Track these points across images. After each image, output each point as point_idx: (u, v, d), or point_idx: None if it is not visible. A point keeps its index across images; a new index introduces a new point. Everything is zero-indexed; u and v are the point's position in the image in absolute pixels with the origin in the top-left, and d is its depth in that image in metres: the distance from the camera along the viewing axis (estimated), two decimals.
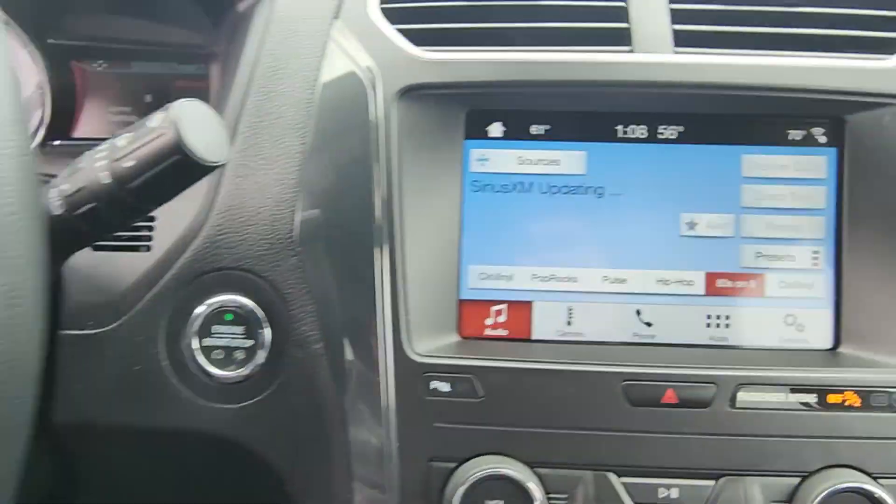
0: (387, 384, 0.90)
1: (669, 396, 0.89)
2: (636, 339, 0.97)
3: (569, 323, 0.97)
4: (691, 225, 0.96)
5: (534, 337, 0.97)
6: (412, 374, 0.90)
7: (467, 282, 0.98)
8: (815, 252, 0.96)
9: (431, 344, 0.93)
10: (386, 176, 0.92)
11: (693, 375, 0.89)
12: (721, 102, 0.95)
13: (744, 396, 0.88)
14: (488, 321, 0.98)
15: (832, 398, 0.88)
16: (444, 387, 0.90)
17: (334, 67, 0.96)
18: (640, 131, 0.97)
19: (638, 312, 0.97)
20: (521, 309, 0.98)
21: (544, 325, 0.98)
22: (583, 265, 0.97)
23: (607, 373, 0.89)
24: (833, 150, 0.96)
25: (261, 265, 0.93)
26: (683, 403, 0.88)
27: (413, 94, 0.94)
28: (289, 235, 0.93)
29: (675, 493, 0.89)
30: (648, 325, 0.97)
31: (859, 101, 0.93)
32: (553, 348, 0.96)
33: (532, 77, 0.94)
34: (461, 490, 0.87)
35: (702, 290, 0.96)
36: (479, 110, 0.97)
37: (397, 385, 0.90)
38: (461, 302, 0.97)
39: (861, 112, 0.94)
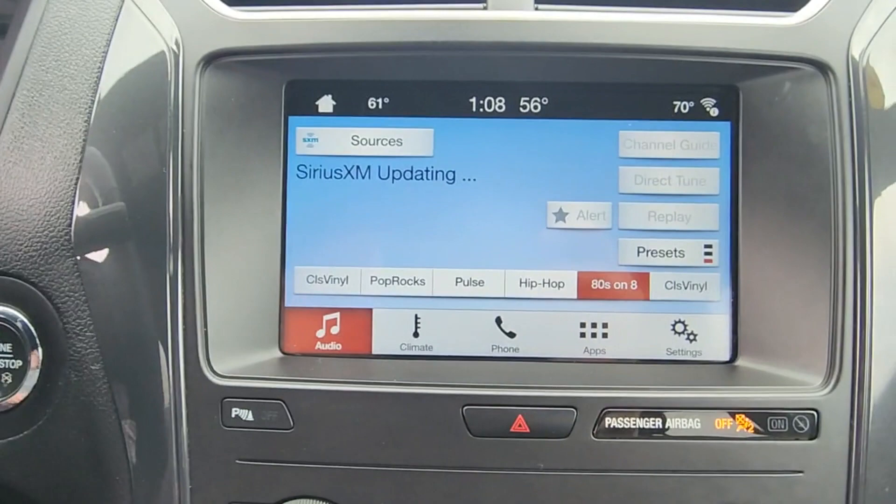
0: (177, 412, 0.73)
1: (520, 424, 0.72)
2: (496, 353, 0.81)
3: (416, 334, 0.81)
4: (560, 215, 0.80)
5: (374, 352, 0.81)
6: (209, 399, 0.73)
7: (293, 286, 0.81)
8: (708, 246, 0.81)
9: (240, 362, 0.77)
10: (186, 162, 0.76)
11: (549, 398, 0.73)
12: (592, 68, 0.79)
13: (612, 423, 0.72)
14: (319, 333, 0.81)
15: (721, 423, 0.72)
16: (247, 415, 0.73)
17: (129, 31, 0.80)
18: (498, 104, 0.81)
19: (498, 321, 0.81)
20: (358, 318, 0.81)
21: (386, 337, 0.81)
22: (432, 265, 0.81)
23: (445, 395, 0.73)
24: (726, 125, 0.81)
25: (31, 270, 0.76)
26: (537, 432, 0.72)
27: (221, 62, 0.79)
28: (65, 234, 0.76)
29: None
30: (511, 335, 0.81)
31: (755, 66, 0.78)
32: (397, 366, 0.79)
33: (365, 39, 0.78)
34: None
35: (574, 294, 0.80)
36: (303, 81, 0.81)
37: (190, 413, 0.73)
38: (286, 310, 0.81)
39: (757, 78, 0.78)
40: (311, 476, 0.72)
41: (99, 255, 0.76)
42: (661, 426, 0.72)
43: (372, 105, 0.82)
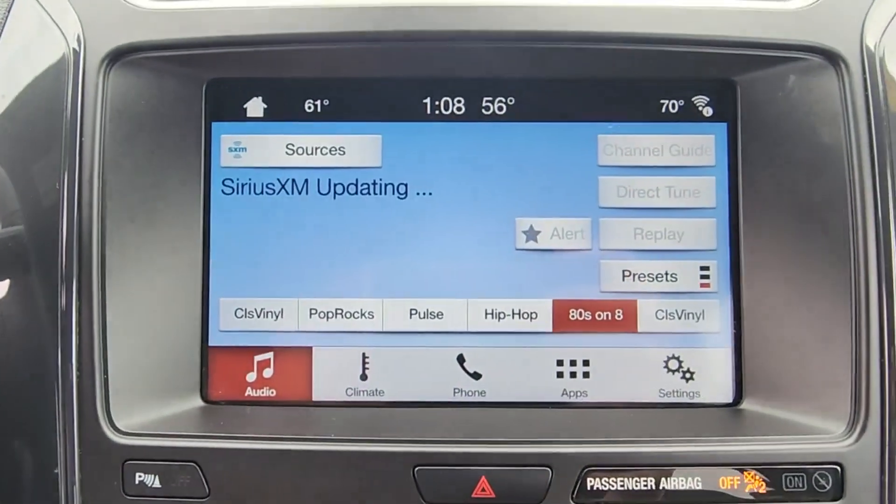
0: (69, 478, 0.60)
1: (483, 488, 0.60)
2: (459, 398, 0.69)
3: (363, 377, 0.69)
4: (531, 234, 0.69)
5: (315, 398, 0.69)
6: (107, 462, 0.62)
7: (218, 322, 0.69)
8: (705, 268, 0.69)
9: (151, 415, 0.64)
10: (85, 176, 0.64)
11: (519, 455, 0.60)
12: (565, 62, 0.68)
13: (595, 484, 0.59)
14: (250, 377, 0.69)
15: (727, 482, 0.60)
16: (153, 480, 0.60)
17: (21, 23, 0.68)
18: (456, 106, 0.70)
19: (461, 359, 0.69)
20: (295, 359, 0.69)
21: (329, 380, 0.69)
22: (381, 295, 0.69)
23: (394, 454, 0.60)
24: (722, 127, 0.70)
25: None
26: (504, 497, 0.59)
27: (130, 59, 0.67)
28: None
29: None
30: (476, 376, 0.68)
31: (754, 56, 0.67)
32: (341, 415, 0.67)
33: (299, 30, 0.67)
34: None
35: (549, 326, 0.69)
36: (227, 80, 0.69)
37: (85, 479, 0.61)
38: (210, 350, 0.69)
39: (757, 71, 0.67)
40: None
41: None
42: (654, 486, 0.60)
43: (309, 108, 0.70)
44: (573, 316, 0.69)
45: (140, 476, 0.61)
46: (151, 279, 0.67)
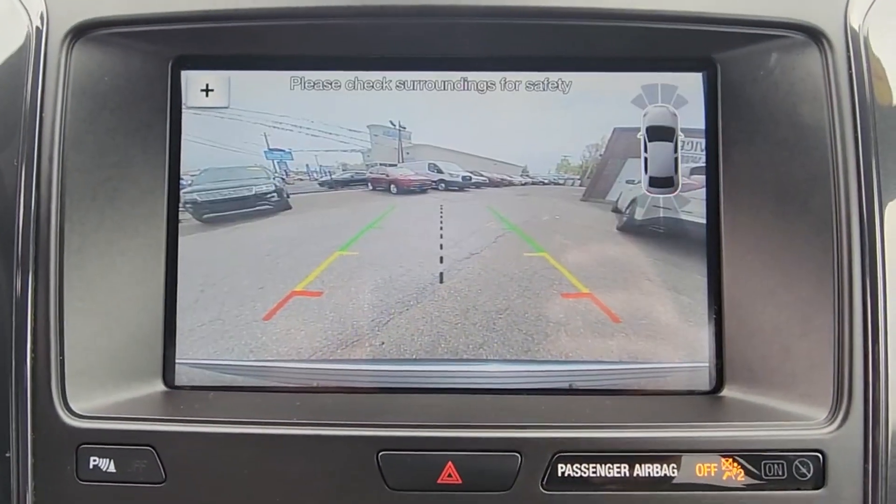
0: (22, 461, 0.58)
1: (449, 473, 0.57)
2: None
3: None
4: None
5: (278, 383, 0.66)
6: (61, 445, 0.59)
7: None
8: None
9: (108, 399, 0.62)
10: (44, 154, 0.62)
11: (487, 440, 0.58)
12: (541, 39, 0.66)
13: (566, 470, 0.57)
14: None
15: (704, 469, 0.57)
16: (108, 465, 0.58)
17: None
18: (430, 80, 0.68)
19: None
20: None
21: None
22: None
23: (356, 437, 0.58)
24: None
25: None
26: (471, 484, 0.57)
27: (94, 35, 0.65)
28: None
29: None
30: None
31: (734, 34, 0.65)
32: (305, 399, 0.65)
33: (266, 5, 0.65)
34: None
35: None
36: (194, 57, 0.67)
37: (38, 463, 0.59)
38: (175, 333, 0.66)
39: (738, 49, 0.66)
40: None
41: None
42: (627, 473, 0.57)
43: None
44: None
45: (94, 461, 0.58)
46: (113, 260, 0.65)
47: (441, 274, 0.66)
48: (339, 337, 0.66)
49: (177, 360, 0.66)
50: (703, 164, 0.67)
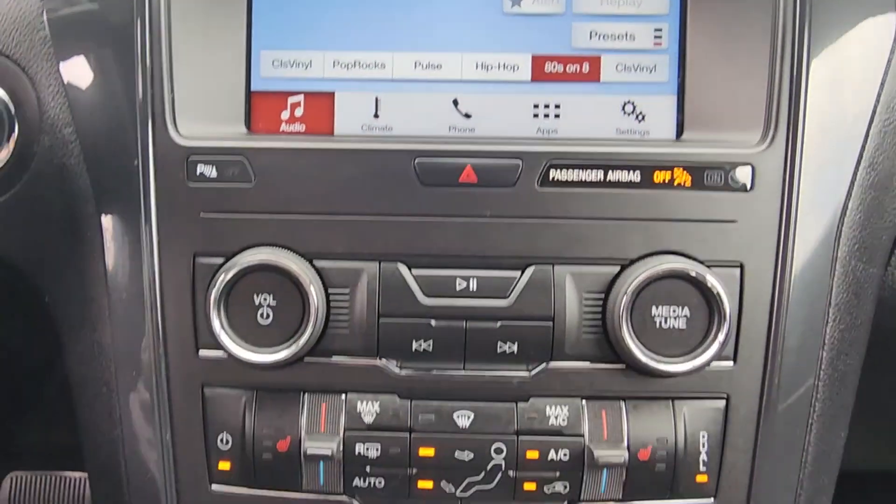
0: (145, 169, 0.77)
1: (468, 174, 0.76)
2: (453, 133, 0.84)
3: (376, 115, 0.85)
4: (516, 0, 0.83)
5: (336, 132, 0.85)
6: (175, 158, 0.77)
7: (259, 70, 0.85)
8: (658, 30, 0.83)
9: (206, 131, 0.80)
10: None
11: (497, 151, 0.76)
12: None
13: (556, 175, 0.75)
14: (284, 115, 0.85)
15: (659, 176, 0.76)
16: (211, 171, 0.77)
17: None
18: None
19: (455, 102, 0.84)
20: (321, 101, 0.85)
21: (348, 118, 0.85)
22: (391, 48, 0.84)
23: (398, 151, 0.77)
24: None
25: (4, 42, 0.79)
26: (484, 182, 0.76)
27: None
28: (37, 7, 0.79)
29: (474, 285, 0.76)
30: (467, 116, 0.84)
31: None
32: (357, 141, 0.83)
33: None
34: (221, 280, 0.74)
35: (528, 76, 0.84)
36: None
37: (158, 170, 0.77)
38: (252, 94, 0.84)
39: None
40: (270, 226, 0.76)
41: (69, 30, 0.80)
42: (602, 178, 0.76)
43: None
44: (548, 68, 0.84)
45: (200, 168, 0.77)
46: (207, 32, 0.82)
47: None
48: None
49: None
50: None
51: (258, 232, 0.76)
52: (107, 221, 0.79)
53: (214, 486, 0.80)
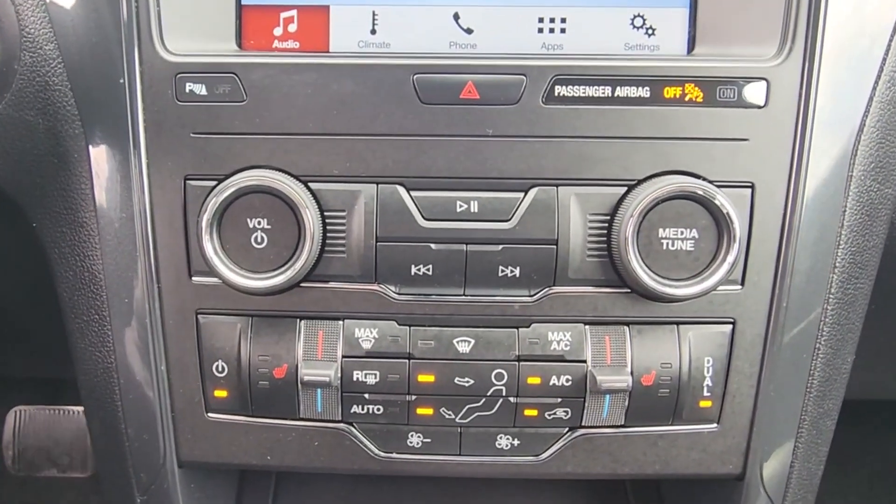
0: (132, 88, 0.74)
1: (469, 91, 0.72)
2: (454, 50, 0.80)
3: (373, 31, 0.80)
4: None
5: (332, 49, 0.81)
6: (163, 75, 0.74)
7: None
8: None
9: (196, 47, 0.76)
10: None
11: (500, 66, 0.73)
12: None
13: (561, 91, 0.72)
14: (277, 31, 0.81)
15: (670, 92, 0.72)
16: (201, 89, 0.73)
17: None
18: None
19: (456, 16, 0.80)
20: (315, 15, 0.81)
21: (343, 34, 0.81)
22: None
23: (396, 66, 0.73)
24: None
25: None
26: (487, 99, 0.72)
27: None
28: None
29: (475, 207, 0.73)
30: (468, 31, 0.80)
31: None
32: (353, 59, 0.79)
33: None
34: (213, 203, 0.72)
35: None
36: None
37: (145, 89, 0.74)
38: (243, 8, 0.80)
39: None
40: (264, 146, 0.73)
41: None
42: (610, 94, 0.72)
43: None
44: None
45: (189, 86, 0.74)
46: None
47: None
48: None
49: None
50: None
51: (251, 153, 0.73)
52: (93, 142, 0.76)
53: (210, 415, 0.79)
